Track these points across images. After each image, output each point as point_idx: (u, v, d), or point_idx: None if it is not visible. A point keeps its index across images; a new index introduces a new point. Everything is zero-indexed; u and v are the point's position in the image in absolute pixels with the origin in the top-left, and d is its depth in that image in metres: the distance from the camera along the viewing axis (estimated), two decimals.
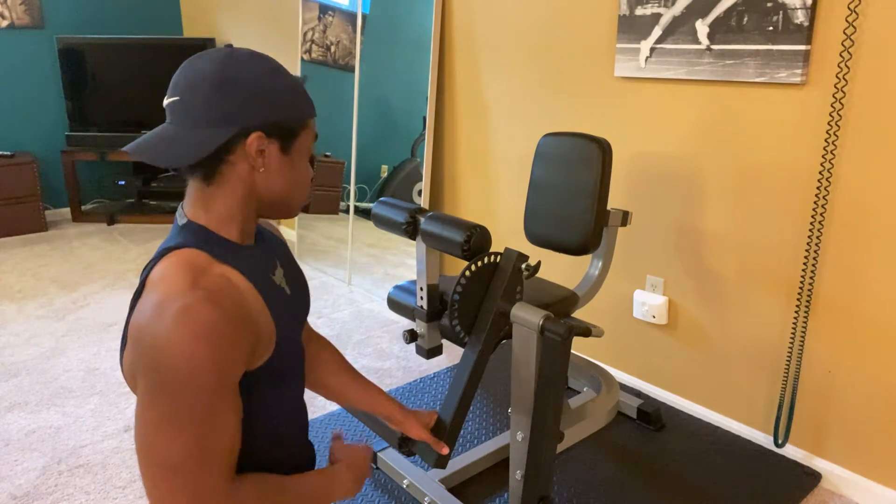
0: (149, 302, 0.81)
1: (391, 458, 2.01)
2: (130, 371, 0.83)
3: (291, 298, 0.99)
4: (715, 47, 2.03)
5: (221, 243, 0.89)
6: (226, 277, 0.85)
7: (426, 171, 3.15)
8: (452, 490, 1.93)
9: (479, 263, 1.51)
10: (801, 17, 1.83)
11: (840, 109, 1.81)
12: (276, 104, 0.87)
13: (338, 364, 1.25)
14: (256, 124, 0.86)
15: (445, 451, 1.41)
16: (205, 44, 4.59)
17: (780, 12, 1.86)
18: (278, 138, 0.88)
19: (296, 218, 4.00)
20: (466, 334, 1.55)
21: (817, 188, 1.89)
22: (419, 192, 3.21)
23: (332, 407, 2.41)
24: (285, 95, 0.88)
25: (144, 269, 0.88)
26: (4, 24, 4.50)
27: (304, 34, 3.74)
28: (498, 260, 1.54)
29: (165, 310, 0.78)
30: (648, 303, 2.39)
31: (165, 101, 0.88)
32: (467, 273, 1.49)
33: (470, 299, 1.52)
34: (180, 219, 0.91)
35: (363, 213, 3.57)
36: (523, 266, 1.53)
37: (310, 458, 1.07)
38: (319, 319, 3.18)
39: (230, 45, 0.90)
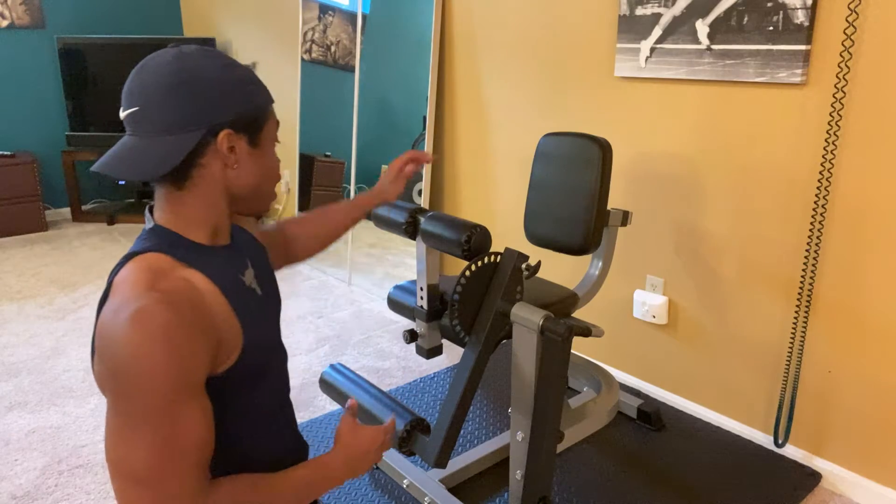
0: (108, 307, 0.80)
1: (391, 458, 2.01)
2: (100, 378, 0.82)
3: (264, 299, 0.98)
4: (715, 47, 2.03)
5: (187, 246, 0.88)
6: (186, 280, 0.83)
7: (426, 171, 3.15)
8: (452, 490, 1.93)
9: (480, 263, 1.51)
10: (801, 17, 1.83)
11: (840, 109, 1.81)
12: (237, 98, 0.86)
13: (302, 221, 1.31)
14: (223, 121, 0.85)
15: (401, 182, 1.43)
16: (205, 44, 4.58)
17: (781, 12, 1.86)
18: (245, 132, 0.88)
19: None
20: (466, 334, 1.55)
21: (817, 188, 1.89)
22: (419, 192, 3.21)
23: (333, 406, 2.41)
24: (244, 87, 0.87)
25: (110, 274, 0.86)
26: (4, 24, 4.50)
27: (304, 34, 3.74)
28: (498, 260, 1.54)
29: (120, 313, 0.77)
30: (648, 303, 2.39)
31: (123, 114, 0.85)
32: (467, 273, 1.49)
33: (470, 299, 1.52)
34: (148, 223, 0.90)
35: None
36: (523, 266, 1.53)
37: (300, 456, 1.06)
38: (320, 319, 3.18)
39: (176, 45, 0.88)
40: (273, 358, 0.98)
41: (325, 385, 1.80)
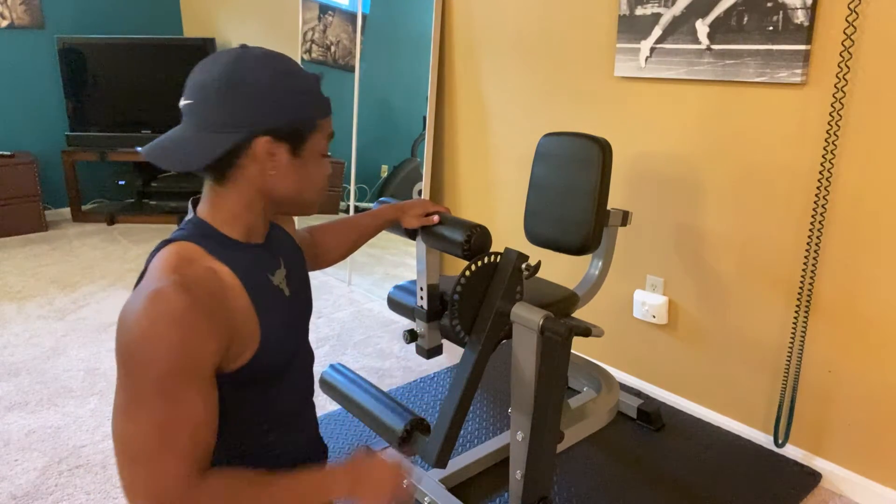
0: (134, 293, 0.83)
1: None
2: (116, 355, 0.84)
3: (291, 299, 0.98)
4: (715, 47, 2.03)
5: (219, 240, 0.90)
6: (211, 270, 0.85)
7: (426, 171, 3.15)
8: (452, 490, 1.93)
9: (480, 263, 1.51)
10: (801, 17, 1.83)
11: (840, 109, 1.81)
12: (283, 108, 0.87)
13: (331, 229, 1.35)
14: (264, 129, 0.86)
15: (436, 220, 1.50)
16: (205, 44, 4.59)
17: (781, 12, 1.86)
18: (287, 141, 0.88)
19: (296, 218, 4.00)
20: (466, 334, 1.55)
21: (817, 188, 1.89)
22: (419, 192, 3.21)
23: (333, 406, 2.41)
24: (293, 98, 0.87)
25: (147, 259, 0.90)
26: (4, 24, 4.50)
27: (304, 34, 3.74)
28: (498, 260, 1.54)
29: (140, 294, 0.79)
30: (648, 303, 2.39)
31: (181, 103, 0.89)
32: (467, 273, 1.49)
33: (470, 299, 1.52)
34: (189, 214, 0.93)
35: None
36: (523, 266, 1.53)
37: (317, 460, 1.06)
38: (319, 319, 3.18)
39: (244, 46, 0.90)
40: (294, 359, 0.98)
41: (325, 385, 1.80)
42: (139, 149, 0.91)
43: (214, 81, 0.85)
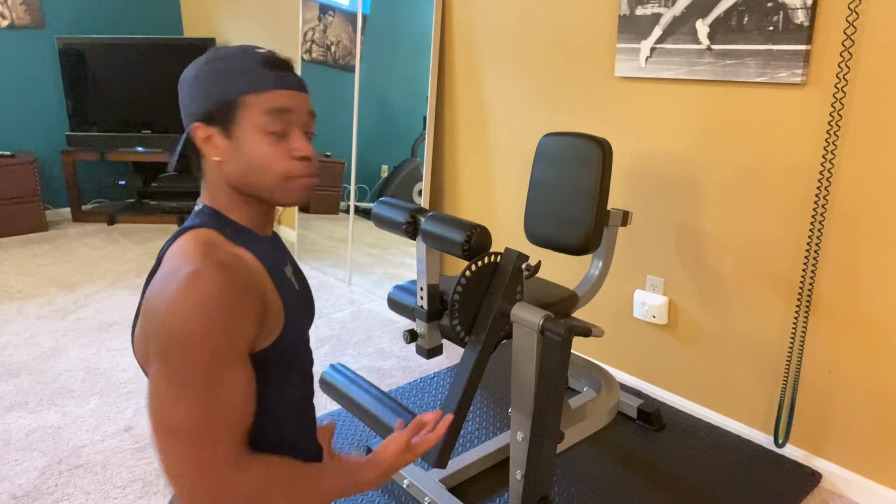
0: (161, 273, 0.83)
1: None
2: (142, 344, 0.84)
3: (301, 294, 1.00)
4: (715, 47, 2.03)
5: (235, 227, 0.92)
6: (238, 255, 0.87)
7: (426, 171, 3.15)
8: (452, 490, 1.93)
9: (480, 263, 1.51)
10: (801, 17, 1.83)
11: (840, 109, 1.81)
12: (207, 91, 0.88)
13: None
14: (195, 116, 0.89)
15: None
16: (205, 44, 4.59)
17: (781, 12, 1.86)
18: (217, 124, 0.88)
19: (296, 218, 4.00)
20: (466, 334, 1.55)
21: (817, 188, 1.89)
22: (419, 192, 3.21)
23: (333, 406, 2.41)
24: (216, 79, 0.88)
25: (162, 249, 0.90)
26: (4, 24, 4.50)
27: (305, 34, 3.74)
28: (498, 260, 1.54)
29: (175, 276, 0.80)
30: (648, 303, 2.39)
31: None
32: (468, 273, 1.49)
33: (470, 299, 1.52)
34: (197, 205, 0.95)
35: (363, 213, 3.57)
36: (524, 266, 1.53)
37: (314, 460, 1.06)
38: (319, 319, 3.18)
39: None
40: (302, 353, 1.00)
41: (325, 385, 1.80)
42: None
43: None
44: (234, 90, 0.88)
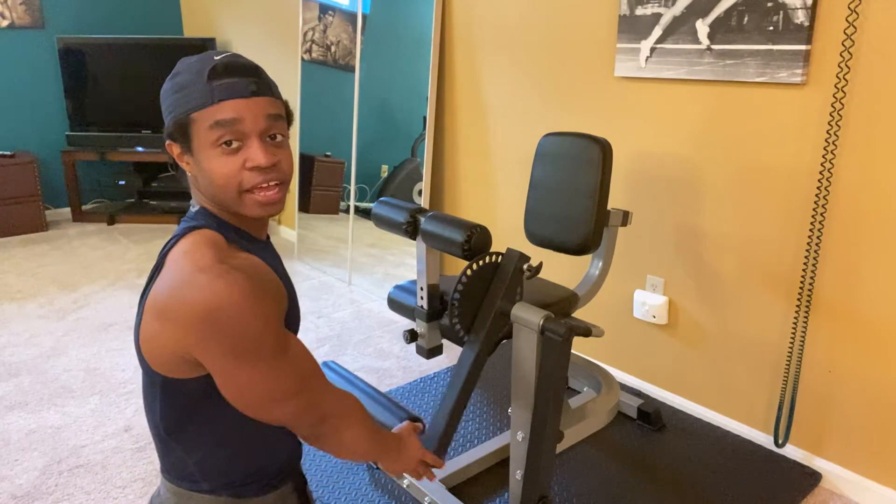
0: (178, 275, 0.83)
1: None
2: (158, 343, 0.86)
3: (294, 298, 1.01)
4: (715, 47, 2.03)
5: (236, 231, 0.94)
6: (248, 255, 0.90)
7: (426, 171, 3.15)
8: (452, 490, 1.93)
9: (480, 263, 1.51)
10: (801, 17, 1.83)
11: (840, 109, 1.81)
12: (167, 109, 0.91)
13: None
14: (166, 132, 0.92)
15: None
16: (205, 44, 4.59)
17: (781, 12, 1.86)
18: (178, 141, 0.90)
19: (296, 218, 4.00)
20: (466, 334, 1.55)
21: (817, 188, 1.89)
22: (419, 192, 3.21)
23: None
24: (172, 98, 0.90)
25: (164, 248, 0.91)
26: (4, 24, 4.50)
27: (305, 34, 3.74)
28: (499, 260, 1.54)
29: (204, 281, 0.81)
30: (648, 303, 2.39)
31: None
32: (468, 273, 1.49)
33: (470, 299, 1.52)
34: (192, 206, 0.96)
35: (363, 213, 3.57)
36: (525, 267, 1.53)
37: (298, 456, 1.08)
38: (320, 319, 3.18)
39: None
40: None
41: None
42: None
43: None
44: (183, 109, 0.88)
